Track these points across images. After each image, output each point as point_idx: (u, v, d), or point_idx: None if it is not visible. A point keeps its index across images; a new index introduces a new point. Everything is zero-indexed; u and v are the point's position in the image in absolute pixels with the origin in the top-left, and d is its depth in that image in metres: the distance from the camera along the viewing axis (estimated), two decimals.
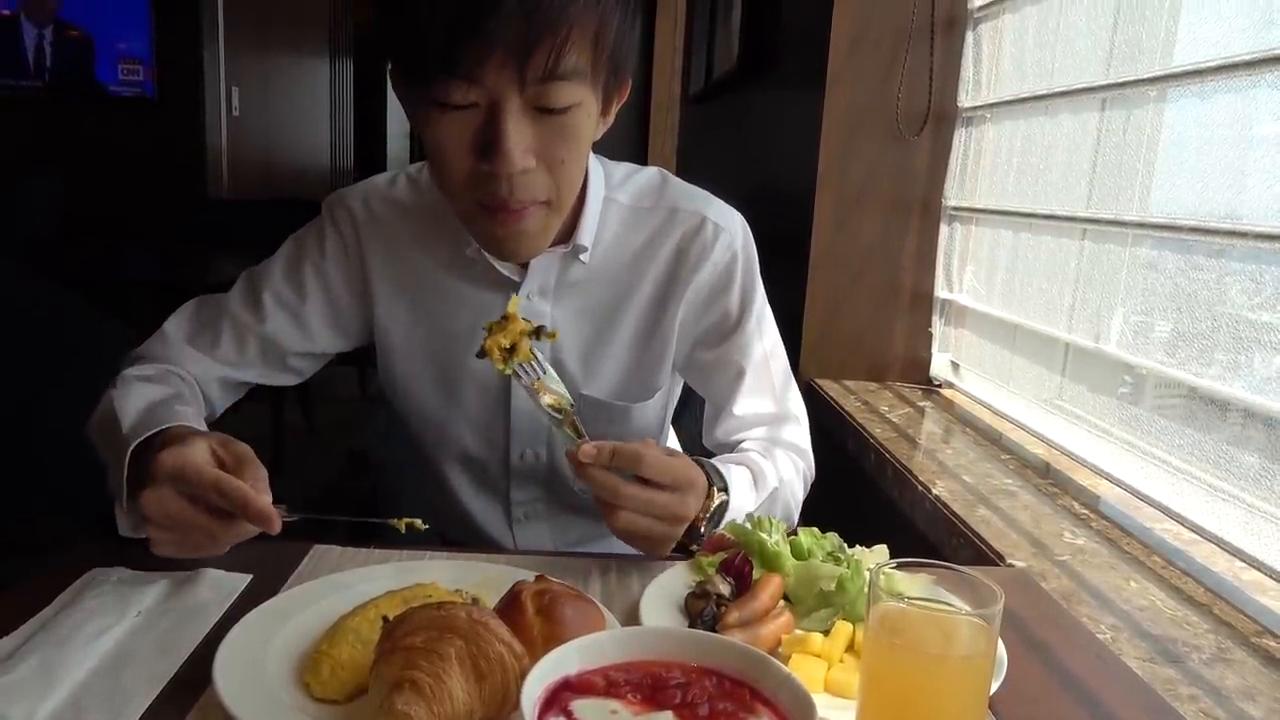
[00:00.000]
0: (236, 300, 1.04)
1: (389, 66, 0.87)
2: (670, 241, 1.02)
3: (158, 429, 0.80)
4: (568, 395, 0.85)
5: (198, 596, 0.75)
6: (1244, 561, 1.01)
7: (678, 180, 1.06)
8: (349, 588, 0.76)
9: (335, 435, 3.76)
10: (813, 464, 1.12)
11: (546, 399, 0.84)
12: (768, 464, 1.01)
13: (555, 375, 0.86)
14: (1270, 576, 0.98)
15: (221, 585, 0.78)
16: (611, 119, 0.92)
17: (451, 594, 0.73)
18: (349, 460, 1.09)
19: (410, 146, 9.17)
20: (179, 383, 0.97)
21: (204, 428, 0.85)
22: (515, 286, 0.99)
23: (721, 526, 0.89)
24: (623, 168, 1.05)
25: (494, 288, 1.00)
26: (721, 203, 1.06)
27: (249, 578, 0.79)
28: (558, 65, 0.78)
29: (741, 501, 0.93)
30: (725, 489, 0.90)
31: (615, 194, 1.02)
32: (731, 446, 1.08)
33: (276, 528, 0.74)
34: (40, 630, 0.69)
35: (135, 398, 0.87)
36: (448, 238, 1.00)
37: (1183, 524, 1.12)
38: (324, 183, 6.42)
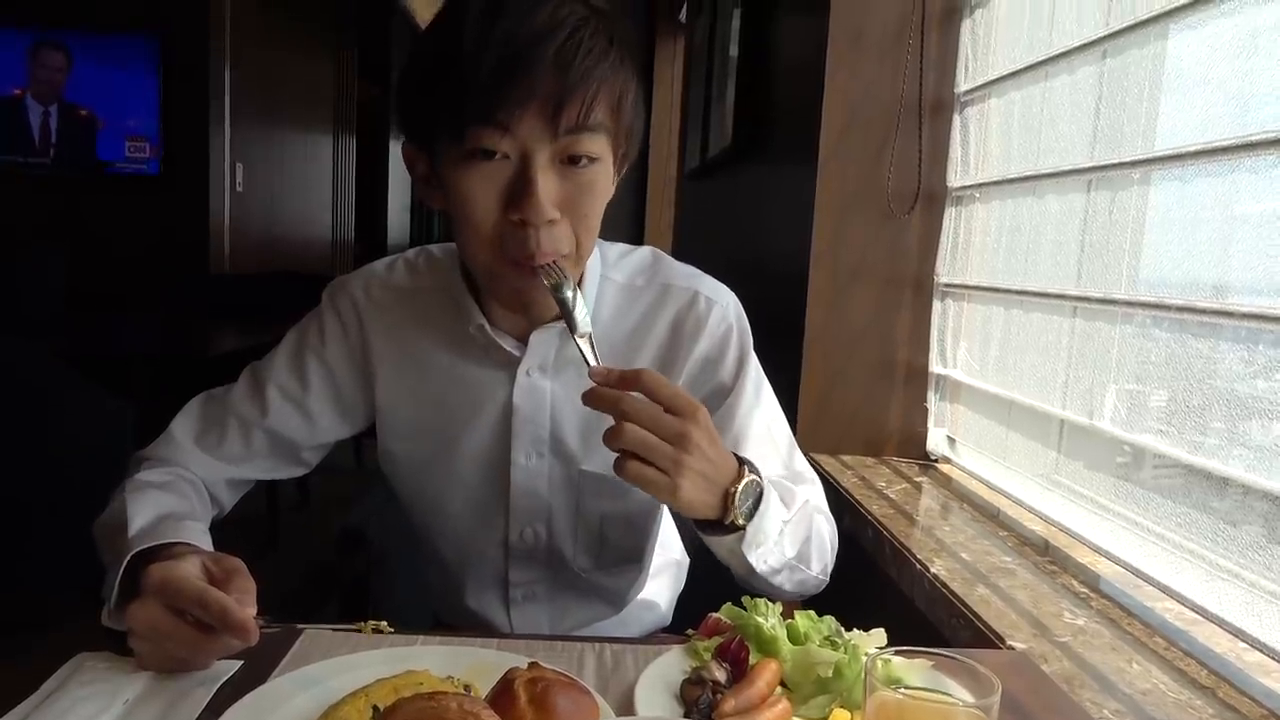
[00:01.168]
0: (240, 396, 1.05)
1: (405, 131, 0.91)
2: (665, 317, 1.04)
3: (160, 543, 0.81)
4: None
5: (186, 684, 0.74)
6: (1246, 643, 1.00)
7: (669, 259, 1.09)
8: (339, 675, 0.75)
9: (330, 508, 3.72)
10: (834, 526, 1.08)
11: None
12: (793, 489, 1.00)
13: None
14: (1273, 658, 0.96)
15: (210, 672, 0.76)
16: (614, 184, 0.96)
17: (443, 682, 0.72)
18: (343, 537, 1.08)
19: (410, 222, 9.30)
20: (189, 490, 0.98)
21: (209, 545, 0.86)
22: (516, 362, 1.01)
23: (756, 523, 0.88)
24: (617, 248, 1.08)
25: (495, 365, 1.02)
26: (712, 279, 1.08)
27: (238, 664, 0.78)
28: (587, 118, 0.84)
29: (771, 506, 0.91)
30: (756, 472, 0.89)
31: (610, 273, 1.04)
32: None
33: (253, 640, 0.73)
34: None
35: (149, 505, 0.88)
36: (449, 318, 1.02)
37: (1184, 604, 1.11)
38: (325, 257, 6.49)
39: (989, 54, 1.72)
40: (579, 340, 0.87)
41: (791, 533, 0.95)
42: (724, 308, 1.06)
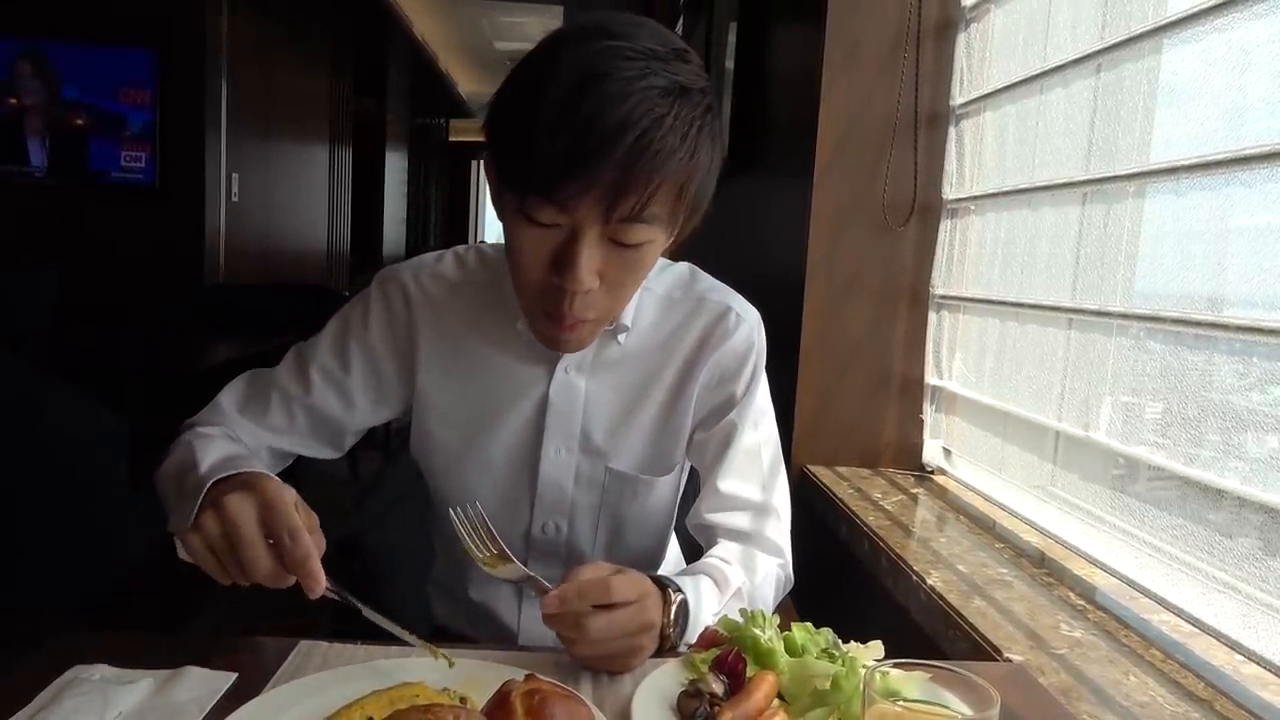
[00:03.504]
0: (285, 373, 1.09)
1: (489, 168, 0.93)
2: (696, 326, 1.09)
3: (239, 471, 0.85)
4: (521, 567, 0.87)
5: (180, 696, 0.74)
6: (1243, 655, 1.00)
7: (705, 274, 1.14)
8: (334, 687, 0.74)
9: (325, 520, 3.70)
10: (790, 564, 1.12)
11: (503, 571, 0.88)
12: (731, 569, 1.02)
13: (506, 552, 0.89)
14: (1270, 671, 0.96)
15: (205, 684, 0.76)
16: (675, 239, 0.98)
17: (439, 694, 0.71)
18: (339, 547, 1.08)
19: (406, 234, 9.31)
20: (244, 446, 1.03)
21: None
22: (556, 359, 1.05)
23: (689, 630, 0.89)
24: (657, 262, 1.11)
25: (535, 361, 1.07)
26: (743, 299, 1.13)
27: (234, 676, 0.77)
28: (642, 212, 0.85)
29: (703, 601, 0.93)
30: (679, 589, 0.89)
31: (650, 285, 1.08)
32: (710, 527, 1.09)
33: (316, 593, 0.77)
34: None
35: (215, 447, 0.94)
36: (495, 313, 1.06)
37: (1180, 616, 1.11)
38: (321, 269, 6.48)
39: (984, 67, 1.73)
40: (530, 583, 0.86)
41: (730, 607, 0.97)
42: (750, 326, 1.10)
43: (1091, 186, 1.37)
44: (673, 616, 0.86)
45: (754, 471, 1.09)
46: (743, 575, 1.02)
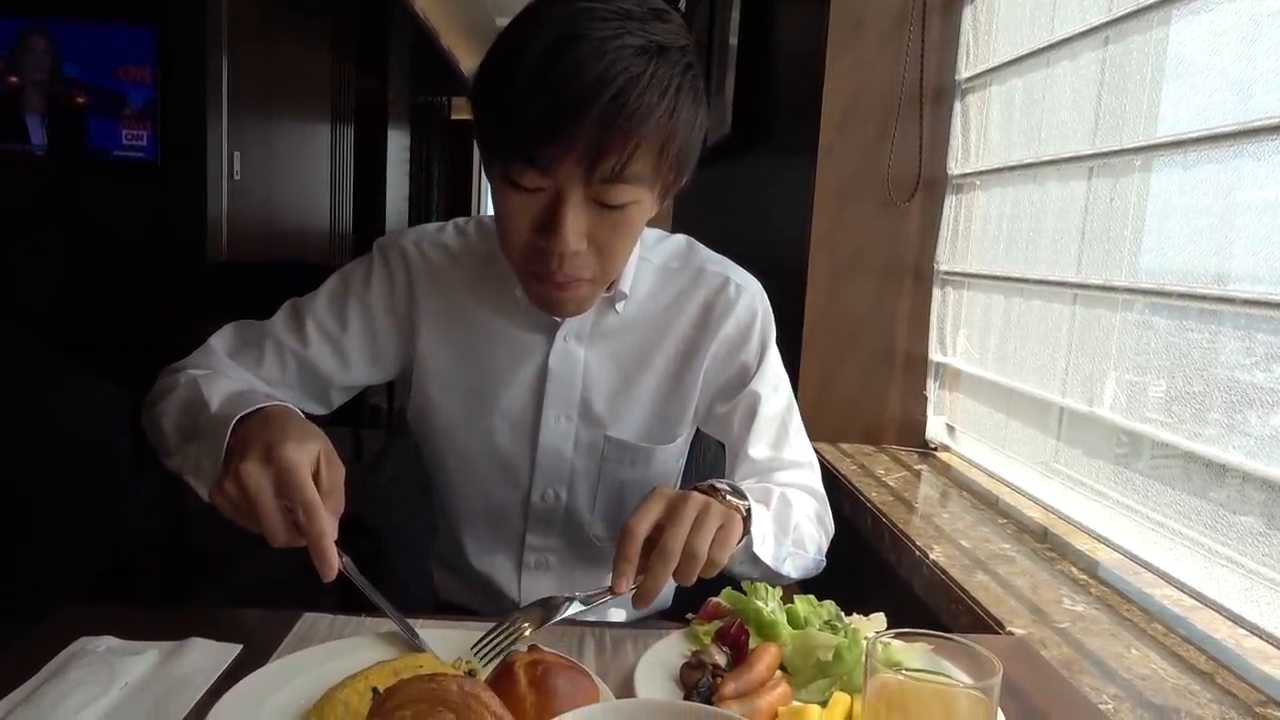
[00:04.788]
0: (279, 324, 1.08)
1: (476, 139, 0.93)
2: (697, 299, 1.09)
3: (258, 406, 0.85)
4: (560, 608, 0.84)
5: (186, 667, 0.74)
6: (1245, 629, 1.00)
7: (702, 246, 1.14)
8: (339, 658, 0.75)
9: None
10: (829, 510, 1.12)
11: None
12: (770, 487, 1.02)
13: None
14: (1272, 644, 0.97)
15: (211, 655, 0.76)
16: (666, 202, 0.97)
17: (443, 665, 0.72)
18: (342, 524, 1.08)
19: (409, 212, 9.28)
20: (245, 383, 1.01)
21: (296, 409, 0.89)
22: (555, 327, 1.05)
23: (748, 538, 0.90)
24: (654, 233, 1.12)
25: (535, 328, 1.07)
26: (741, 269, 1.13)
27: (238, 648, 0.78)
28: (623, 171, 0.84)
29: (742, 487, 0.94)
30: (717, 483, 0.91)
31: (648, 255, 1.09)
32: None
33: (329, 578, 0.76)
34: (24, 702, 0.68)
35: (219, 385, 0.93)
36: (496, 282, 1.06)
37: (1183, 590, 1.11)
38: (323, 247, 6.46)
39: (990, 40, 1.72)
40: (584, 605, 0.84)
41: (778, 514, 0.99)
42: (752, 295, 1.10)
43: (1098, 160, 1.36)
44: (716, 489, 0.88)
45: (778, 433, 1.11)
46: (783, 495, 1.02)
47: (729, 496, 0.89)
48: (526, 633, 0.78)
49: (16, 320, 3.07)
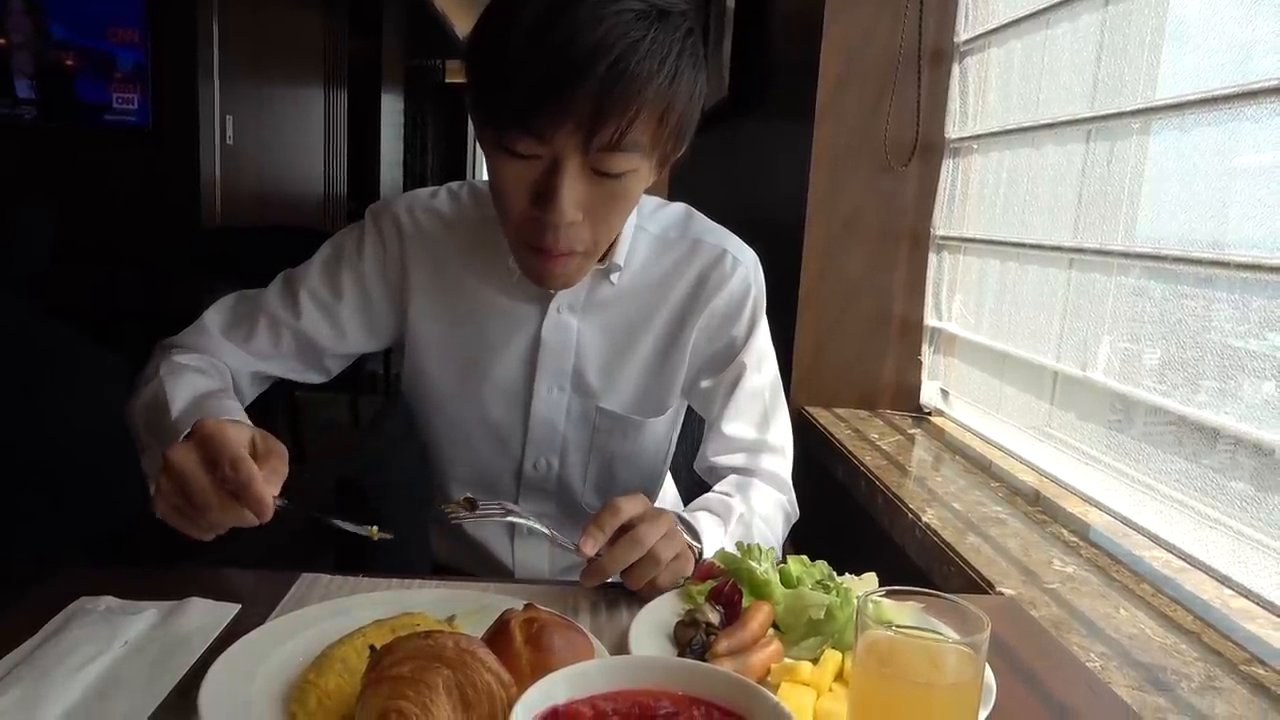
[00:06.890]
0: (273, 297, 1.08)
1: (469, 105, 0.91)
2: (692, 269, 1.08)
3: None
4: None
5: (185, 626, 0.75)
6: (1232, 589, 1.02)
7: (701, 216, 1.13)
8: (336, 617, 0.75)
9: (325, 462, 3.74)
10: (794, 499, 1.13)
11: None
12: (731, 499, 1.03)
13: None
14: (1259, 604, 0.98)
15: (210, 615, 0.77)
16: (664, 171, 0.96)
17: (440, 623, 0.72)
18: (338, 487, 1.09)
19: (404, 177, 9.21)
20: (220, 377, 1.01)
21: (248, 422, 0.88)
22: (549, 297, 1.05)
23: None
24: (652, 201, 1.11)
25: (528, 299, 1.06)
26: (740, 240, 1.11)
27: (237, 607, 0.78)
28: (621, 140, 0.83)
29: (703, 531, 0.94)
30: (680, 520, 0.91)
31: (645, 224, 1.08)
32: (716, 469, 1.11)
33: (265, 516, 0.75)
34: (24, 661, 0.68)
35: (186, 386, 0.91)
36: (488, 250, 1.05)
37: (1172, 552, 1.12)
38: (317, 211, 6.42)
39: (990, 1, 1.70)
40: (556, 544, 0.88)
41: (735, 534, 0.99)
42: (747, 268, 1.09)
43: (1096, 123, 1.35)
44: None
45: (755, 411, 1.11)
46: (743, 504, 1.02)
47: (685, 535, 0.89)
48: (509, 517, 0.88)
49: (11, 284, 3.06)
